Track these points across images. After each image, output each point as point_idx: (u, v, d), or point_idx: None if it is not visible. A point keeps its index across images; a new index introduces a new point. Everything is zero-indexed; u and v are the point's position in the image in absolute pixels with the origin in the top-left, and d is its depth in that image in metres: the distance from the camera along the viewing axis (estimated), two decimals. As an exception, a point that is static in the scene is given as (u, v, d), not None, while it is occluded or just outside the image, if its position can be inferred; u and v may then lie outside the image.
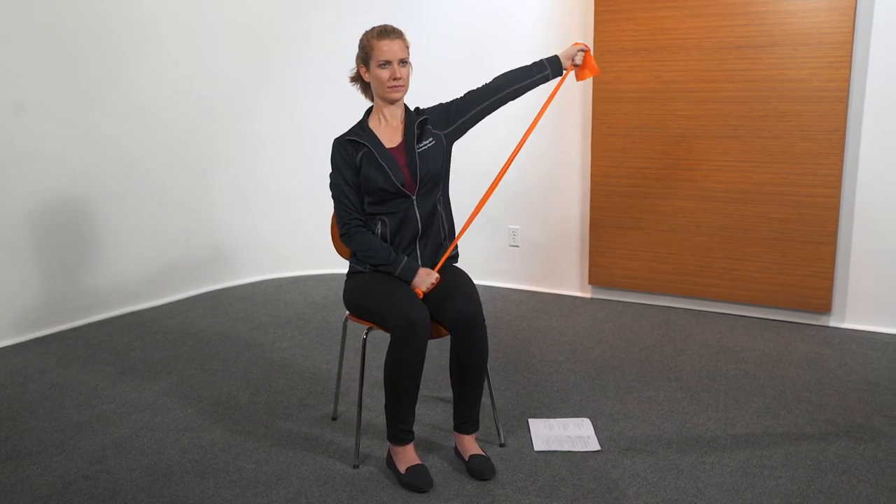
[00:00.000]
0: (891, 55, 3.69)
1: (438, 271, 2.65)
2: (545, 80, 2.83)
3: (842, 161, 3.82)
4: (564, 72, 2.85)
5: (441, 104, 2.79)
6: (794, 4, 3.78)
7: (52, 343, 3.97)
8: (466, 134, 2.82)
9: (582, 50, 2.84)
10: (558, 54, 2.85)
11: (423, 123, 2.70)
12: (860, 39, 3.74)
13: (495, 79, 2.81)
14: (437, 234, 2.71)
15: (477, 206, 2.76)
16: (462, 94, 2.80)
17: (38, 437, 2.91)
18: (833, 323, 4.03)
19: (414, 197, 2.63)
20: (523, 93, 2.81)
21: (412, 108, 2.75)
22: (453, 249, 2.77)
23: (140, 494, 2.49)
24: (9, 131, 3.88)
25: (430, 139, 2.68)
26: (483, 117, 2.80)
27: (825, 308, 3.98)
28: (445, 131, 2.73)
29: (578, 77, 2.88)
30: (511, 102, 2.83)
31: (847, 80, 3.73)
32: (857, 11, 3.71)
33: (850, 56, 3.71)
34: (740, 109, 3.99)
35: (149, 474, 2.62)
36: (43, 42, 3.95)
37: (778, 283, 4.05)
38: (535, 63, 2.83)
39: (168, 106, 4.56)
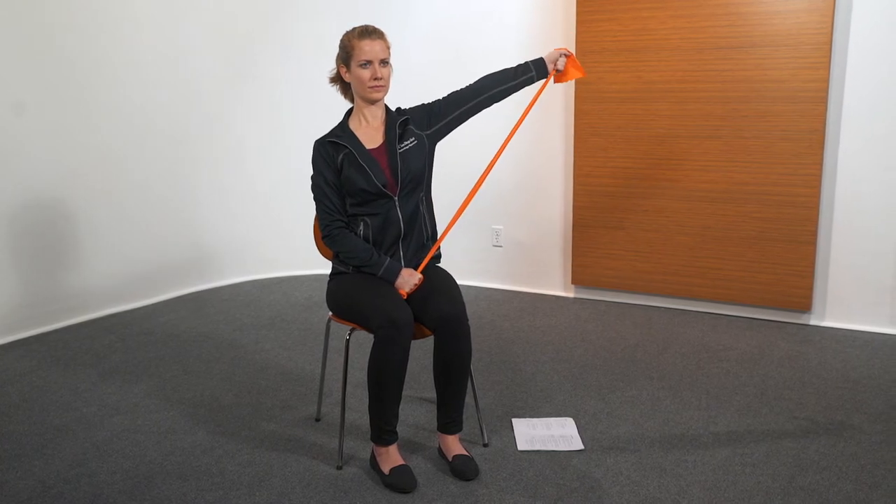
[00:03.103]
0: (869, 56, 3.73)
1: (422, 272, 2.65)
2: (530, 81, 2.83)
3: (821, 161, 3.85)
4: (548, 75, 2.85)
5: (423, 104, 2.78)
6: (774, 6, 3.82)
7: (33, 345, 3.93)
8: (449, 134, 2.82)
9: (564, 55, 2.86)
10: (543, 57, 2.85)
11: (404, 123, 2.70)
12: (839, 40, 3.77)
13: (479, 80, 2.80)
14: (419, 234, 2.71)
15: (460, 208, 2.77)
16: (445, 95, 2.80)
17: (17, 441, 2.88)
18: (813, 321, 4.07)
19: (396, 198, 2.63)
20: (508, 94, 2.80)
21: (393, 109, 2.75)
22: (436, 250, 2.77)
23: (121, 498, 2.47)
24: (-13, 132, 3.85)
25: (412, 139, 2.68)
26: (467, 118, 2.79)
27: (806, 307, 4.01)
28: (428, 132, 2.73)
29: (561, 79, 2.89)
30: (495, 104, 2.83)
31: (826, 81, 3.77)
32: (836, 13, 3.74)
33: (830, 57, 3.75)
34: (722, 110, 4.02)
35: (130, 477, 2.60)
36: (24, 42, 3.92)
37: (759, 282, 4.09)
38: (519, 65, 2.83)
39: (150, 106, 4.53)
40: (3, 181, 3.92)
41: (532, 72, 2.82)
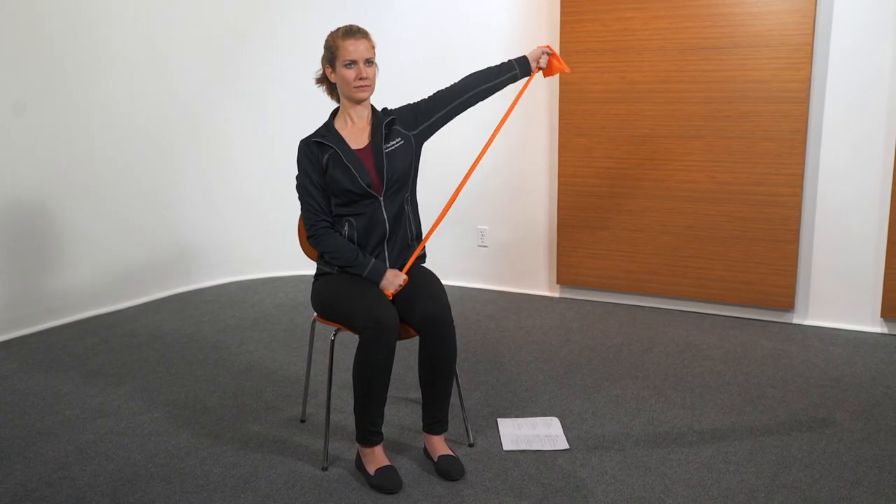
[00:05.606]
0: (850, 56, 3.76)
1: (407, 272, 2.65)
2: (513, 79, 2.84)
3: (803, 160, 3.89)
4: (531, 72, 2.87)
5: (409, 104, 2.78)
6: (756, 6, 3.84)
7: (14, 348, 3.89)
8: (435, 133, 2.82)
9: (546, 53, 2.87)
10: (526, 55, 2.87)
11: (390, 124, 2.70)
12: (820, 40, 3.81)
13: (463, 78, 2.81)
14: (404, 235, 2.71)
15: (445, 208, 2.76)
16: (430, 95, 2.80)
17: (-2, 444, 2.86)
18: (796, 320, 4.10)
19: (381, 198, 2.63)
20: (492, 93, 2.81)
21: (379, 109, 2.75)
22: (421, 250, 2.77)
23: (104, 501, 2.45)
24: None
25: (399, 139, 2.68)
26: (452, 118, 2.80)
27: (788, 305, 4.04)
28: (414, 132, 2.73)
29: (545, 73, 2.90)
30: (479, 102, 2.84)
31: (808, 81, 3.80)
32: (817, 13, 3.77)
33: (811, 57, 3.78)
34: (704, 110, 4.04)
35: (113, 480, 2.58)
36: (7, 41, 3.88)
37: (742, 281, 4.11)
38: (503, 63, 2.84)
39: (134, 105, 4.49)
40: (-16, 182, 3.89)
41: (515, 70, 2.83)
